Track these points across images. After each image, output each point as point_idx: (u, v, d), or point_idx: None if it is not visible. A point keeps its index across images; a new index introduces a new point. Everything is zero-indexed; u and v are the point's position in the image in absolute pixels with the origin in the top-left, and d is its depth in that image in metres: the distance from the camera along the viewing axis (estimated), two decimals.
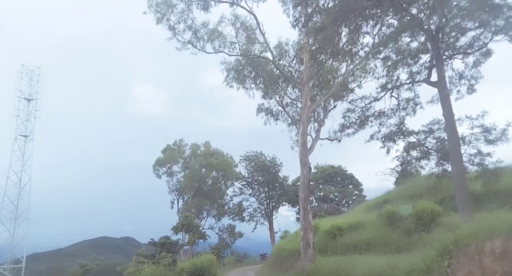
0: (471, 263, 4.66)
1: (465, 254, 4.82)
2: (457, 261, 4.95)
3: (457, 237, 5.10)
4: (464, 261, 4.80)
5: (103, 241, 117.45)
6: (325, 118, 22.91)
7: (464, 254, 4.85)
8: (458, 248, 5.00)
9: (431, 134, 14.32)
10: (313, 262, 16.88)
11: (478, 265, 4.51)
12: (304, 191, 18.75)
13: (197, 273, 15.05)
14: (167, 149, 54.50)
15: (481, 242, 4.66)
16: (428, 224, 16.58)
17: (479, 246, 4.64)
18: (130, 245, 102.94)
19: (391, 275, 7.18)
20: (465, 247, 4.87)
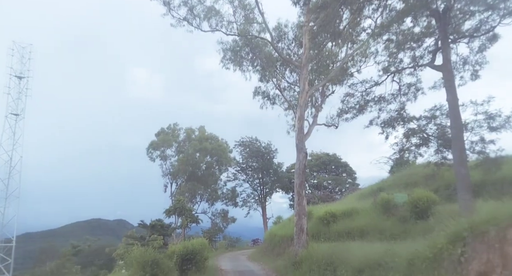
0: (490, 251, 4.29)
1: (483, 242, 4.44)
2: (472, 249, 4.57)
3: (472, 223, 4.71)
4: (481, 249, 4.43)
5: (96, 222, 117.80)
6: (322, 103, 22.41)
7: (482, 242, 4.47)
8: (473, 235, 4.61)
9: (433, 120, 13.94)
10: (306, 247, 16.71)
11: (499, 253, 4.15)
12: (300, 176, 18.42)
13: (188, 256, 14.77)
14: (161, 132, 53.89)
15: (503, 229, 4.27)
16: (423, 212, 16.42)
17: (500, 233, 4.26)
18: (123, 228, 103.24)
19: (391, 263, 6.87)
20: (482, 234, 4.49)
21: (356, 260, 9.75)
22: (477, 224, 4.61)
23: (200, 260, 15.42)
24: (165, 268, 11.51)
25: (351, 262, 9.91)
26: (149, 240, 23.55)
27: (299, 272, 14.95)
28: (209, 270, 17.62)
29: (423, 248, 5.74)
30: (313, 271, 13.27)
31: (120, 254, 22.19)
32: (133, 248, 13.23)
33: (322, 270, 12.04)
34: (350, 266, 9.73)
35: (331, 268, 11.49)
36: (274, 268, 19.14)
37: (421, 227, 15.78)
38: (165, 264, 11.69)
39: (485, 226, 4.50)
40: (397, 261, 6.52)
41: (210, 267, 19.24)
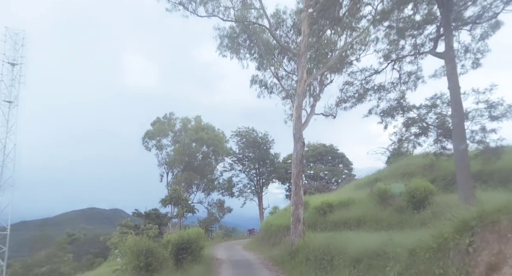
0: (502, 241, 4.07)
1: (493, 231, 4.22)
2: (481, 239, 4.35)
3: (482, 212, 4.49)
4: (491, 239, 4.22)
5: (92, 212, 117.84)
6: (320, 93, 22.10)
7: (492, 231, 4.25)
8: (483, 224, 4.39)
9: (433, 109, 13.71)
10: (302, 237, 16.63)
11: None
12: (297, 166, 18.25)
13: (183, 245, 14.63)
14: (156, 121, 53.39)
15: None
16: (420, 202, 16.37)
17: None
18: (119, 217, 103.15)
19: (391, 253, 6.69)
20: (492, 224, 4.27)
21: (353, 250, 9.62)
22: (487, 213, 4.40)
23: (195, 250, 15.29)
24: (160, 257, 11.35)
25: (349, 252, 9.78)
26: (143, 229, 23.37)
27: (295, 262, 14.89)
28: (205, 259, 17.53)
29: (426, 237, 5.55)
30: (310, 260, 13.19)
31: (114, 243, 22.05)
32: (128, 237, 13.03)
33: (319, 260, 11.94)
34: (348, 255, 9.60)
35: (328, 257, 11.38)
36: (270, 257, 19.10)
37: (418, 217, 15.74)
38: (160, 253, 11.53)
39: (496, 215, 4.28)
40: (398, 251, 6.35)
41: (206, 256, 19.17)
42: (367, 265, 8.41)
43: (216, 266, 17.12)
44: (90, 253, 42.45)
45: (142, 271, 10.69)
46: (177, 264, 14.47)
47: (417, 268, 5.48)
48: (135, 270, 10.74)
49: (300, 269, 13.46)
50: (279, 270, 15.15)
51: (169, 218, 35.40)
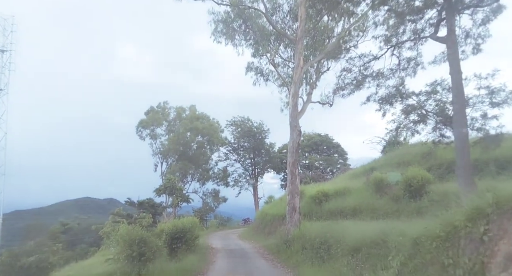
0: None
1: None
2: (498, 227, 4.07)
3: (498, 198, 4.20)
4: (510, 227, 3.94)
5: (87, 201, 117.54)
6: (317, 80, 21.74)
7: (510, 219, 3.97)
8: (500, 212, 4.11)
9: (433, 95, 13.43)
10: (298, 226, 16.49)
11: None
12: (293, 155, 18.00)
13: (177, 234, 14.40)
14: (150, 111, 52.68)
15: None
16: (417, 191, 16.25)
17: None
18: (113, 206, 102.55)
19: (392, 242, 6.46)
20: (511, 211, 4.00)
21: (351, 239, 9.41)
22: (505, 200, 4.11)
23: (190, 239, 15.08)
24: (153, 246, 11.07)
25: (347, 241, 9.58)
26: (136, 218, 23.10)
27: (291, 251, 14.75)
28: (200, 249, 17.35)
29: (433, 226, 5.30)
30: (306, 249, 13.03)
31: (107, 232, 21.81)
32: (120, 226, 12.74)
33: (316, 249, 11.76)
34: (346, 244, 9.41)
35: (324, 246, 11.20)
36: (266, 246, 18.99)
37: (414, 206, 15.65)
38: (153, 243, 11.25)
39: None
40: (400, 240, 6.11)
41: (200, 245, 18.99)
42: (366, 254, 8.22)
43: (211, 255, 16.97)
44: (84, 242, 42.26)
45: (134, 261, 10.43)
46: (171, 254, 14.26)
47: (423, 258, 5.25)
48: (128, 259, 10.49)
49: (296, 258, 13.32)
50: (275, 259, 15.02)
51: (164, 207, 35.15)
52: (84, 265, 21.54)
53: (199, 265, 13.02)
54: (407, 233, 6.22)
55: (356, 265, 8.33)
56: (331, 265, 9.46)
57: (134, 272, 10.50)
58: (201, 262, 13.94)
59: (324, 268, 9.85)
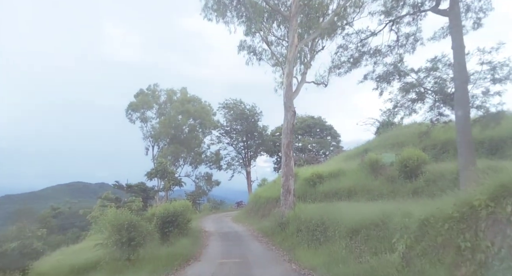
0: None
1: None
2: None
3: None
4: None
5: (78, 186, 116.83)
6: (311, 60, 21.03)
7: None
8: None
9: (433, 72, 12.94)
10: (293, 208, 16.23)
11: None
12: (287, 136, 17.54)
13: (169, 218, 14.01)
14: (140, 93, 51.42)
15: None
16: (413, 171, 16.06)
17: None
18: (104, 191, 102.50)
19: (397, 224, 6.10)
20: None
21: (349, 220, 9.09)
22: None
23: (182, 222, 14.73)
24: (144, 231, 10.67)
25: (344, 223, 9.26)
26: (126, 202, 22.58)
27: (286, 233, 14.51)
28: (192, 232, 17.06)
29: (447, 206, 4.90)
30: (301, 231, 12.77)
31: (95, 217, 21.34)
32: (108, 210, 12.26)
33: (311, 231, 11.48)
34: (344, 226, 9.09)
35: (321, 228, 10.91)
36: (260, 229, 18.79)
37: (410, 186, 15.47)
38: (143, 227, 10.83)
39: None
40: (406, 222, 5.75)
41: (193, 229, 18.71)
42: (365, 236, 7.91)
43: (204, 239, 16.69)
44: (75, 226, 41.91)
45: (124, 246, 10.02)
46: (163, 238, 13.91)
47: (432, 241, 4.89)
48: (116, 245, 10.07)
49: (291, 240, 13.07)
50: (269, 242, 14.79)
51: (156, 191, 34.76)
52: (75, 249, 21.22)
53: (192, 249, 12.70)
54: (412, 214, 5.85)
55: (355, 247, 8.04)
56: (328, 247, 9.18)
57: (123, 258, 10.13)
58: (194, 246, 13.62)
59: (321, 250, 9.58)
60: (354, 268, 6.60)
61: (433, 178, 14.86)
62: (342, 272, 6.74)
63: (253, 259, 10.77)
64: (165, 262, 9.73)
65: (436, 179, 14.80)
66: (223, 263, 10.20)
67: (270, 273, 8.57)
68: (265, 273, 8.61)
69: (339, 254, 8.13)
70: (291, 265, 9.43)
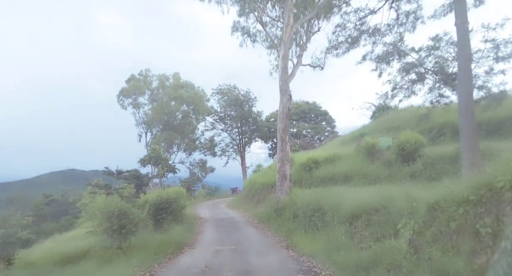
0: None
1: None
2: None
3: None
4: None
5: (72, 173, 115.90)
6: (307, 42, 20.38)
7: None
8: None
9: (434, 51, 12.46)
10: (289, 194, 15.94)
11: None
12: (283, 120, 17.09)
13: (162, 205, 13.61)
14: (131, 79, 50.29)
15: None
16: (410, 155, 15.81)
17: None
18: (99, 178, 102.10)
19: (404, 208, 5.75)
20: None
21: (348, 205, 8.76)
22: None
23: (176, 209, 14.36)
24: (135, 218, 10.26)
25: (343, 207, 8.93)
26: (116, 189, 22.03)
27: (282, 219, 14.25)
28: (187, 219, 16.75)
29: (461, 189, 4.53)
30: (298, 217, 12.49)
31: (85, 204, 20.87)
32: (97, 197, 11.79)
33: (308, 216, 11.19)
34: (343, 211, 8.77)
35: (318, 214, 10.61)
36: (255, 215, 18.55)
37: (408, 170, 15.24)
38: (135, 214, 10.42)
39: None
40: (414, 206, 5.40)
41: (188, 215, 18.40)
42: (365, 221, 7.59)
43: (199, 225, 16.41)
44: (68, 214, 41.49)
45: (115, 234, 9.62)
46: (156, 225, 13.56)
47: (444, 226, 4.53)
48: (107, 233, 9.67)
49: (287, 226, 12.80)
50: (265, 228, 14.54)
51: (149, 178, 34.29)
52: (68, 237, 20.84)
53: (186, 236, 12.36)
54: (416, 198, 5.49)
55: (355, 233, 7.73)
56: (327, 233, 8.87)
57: (114, 246, 9.74)
58: (189, 233, 13.30)
59: (319, 236, 9.28)
60: (356, 255, 6.29)
61: (431, 162, 14.63)
62: (343, 259, 6.43)
63: (249, 246, 10.46)
64: (158, 250, 9.35)
65: (434, 162, 14.57)
66: (218, 250, 9.87)
67: (267, 260, 8.25)
68: (262, 260, 8.28)
69: (338, 240, 7.83)
70: (288, 252, 9.14)
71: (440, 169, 13.82)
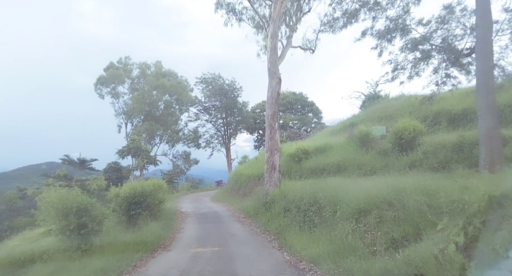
0: None
1: None
2: None
3: None
4: None
5: (50, 166, 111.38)
6: (297, 23, 18.83)
7: None
8: None
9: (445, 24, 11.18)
10: (278, 186, 14.58)
11: None
12: (272, 106, 15.65)
13: (136, 199, 11.97)
14: (110, 66, 47.60)
15: None
16: (408, 144, 14.73)
17: None
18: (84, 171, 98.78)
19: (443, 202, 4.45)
20: None
21: (353, 198, 7.41)
22: None
23: (152, 204, 12.75)
24: (99, 215, 8.66)
25: (346, 201, 7.58)
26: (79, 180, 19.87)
27: (271, 213, 12.87)
28: (166, 214, 15.19)
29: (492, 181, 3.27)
30: (290, 211, 11.13)
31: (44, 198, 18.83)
32: (51, 191, 10.04)
33: (303, 211, 9.82)
34: (346, 206, 7.40)
35: (314, 208, 9.26)
36: (241, 209, 17.15)
37: (406, 159, 14.12)
38: (99, 210, 8.81)
39: None
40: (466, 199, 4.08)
41: (167, 210, 16.83)
42: (377, 217, 6.25)
43: (179, 221, 14.85)
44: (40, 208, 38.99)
45: (73, 234, 8.00)
46: (130, 222, 11.97)
47: None
48: (64, 233, 8.04)
49: (278, 221, 11.43)
50: (253, 223, 13.14)
51: (129, 170, 32.34)
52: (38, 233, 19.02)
53: (162, 234, 10.76)
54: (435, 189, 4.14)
55: (364, 232, 6.39)
56: (328, 232, 7.51)
57: (73, 247, 8.09)
58: (166, 231, 11.73)
59: (318, 234, 7.90)
60: (373, 262, 4.93)
61: (432, 150, 13.56)
62: (359, 268, 5.02)
63: (236, 247, 8.96)
64: (124, 255, 7.76)
65: (435, 151, 13.50)
66: (197, 254, 8.26)
67: (259, 268, 6.67)
68: (252, 268, 6.67)
69: (344, 241, 6.46)
70: (283, 255, 7.69)
71: (443, 158, 12.76)
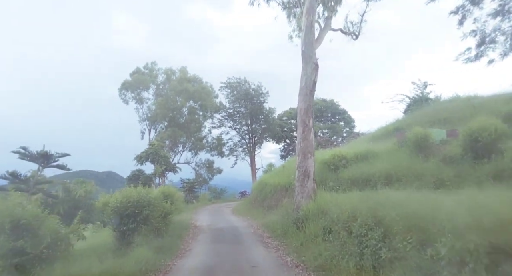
0: None
1: None
2: None
3: None
4: None
5: (85, 174, 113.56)
6: (337, 4, 15.84)
7: None
8: None
9: None
10: (313, 199, 11.40)
11: None
12: (306, 99, 12.61)
13: (129, 210, 9.20)
14: (136, 72, 46.52)
15: None
16: (487, 148, 11.29)
17: None
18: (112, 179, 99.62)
19: None
20: None
21: (455, 221, 4.19)
22: None
23: (152, 217, 9.94)
24: (48, 236, 5.84)
25: (445, 224, 4.38)
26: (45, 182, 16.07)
27: (306, 234, 9.70)
28: (174, 229, 12.38)
29: None
30: (334, 234, 7.93)
31: None
32: None
33: (357, 237, 6.62)
34: (453, 238, 4.19)
35: (378, 234, 6.05)
36: (266, 225, 14.05)
37: (487, 168, 10.62)
38: (50, 227, 6.05)
39: None
40: None
41: (178, 223, 14.08)
42: None
43: (188, 239, 11.89)
44: None
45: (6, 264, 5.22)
46: (122, 238, 9.22)
47: None
48: None
49: (316, 248, 8.25)
50: (280, 247, 9.96)
51: (147, 177, 30.05)
52: None
53: (154, 262, 7.75)
54: None
55: None
56: None
57: None
58: (165, 254, 8.73)
59: None
60: None
61: None
62: None
63: None
64: None
65: None
66: None
67: None
68: None
69: None
70: None
71: None
